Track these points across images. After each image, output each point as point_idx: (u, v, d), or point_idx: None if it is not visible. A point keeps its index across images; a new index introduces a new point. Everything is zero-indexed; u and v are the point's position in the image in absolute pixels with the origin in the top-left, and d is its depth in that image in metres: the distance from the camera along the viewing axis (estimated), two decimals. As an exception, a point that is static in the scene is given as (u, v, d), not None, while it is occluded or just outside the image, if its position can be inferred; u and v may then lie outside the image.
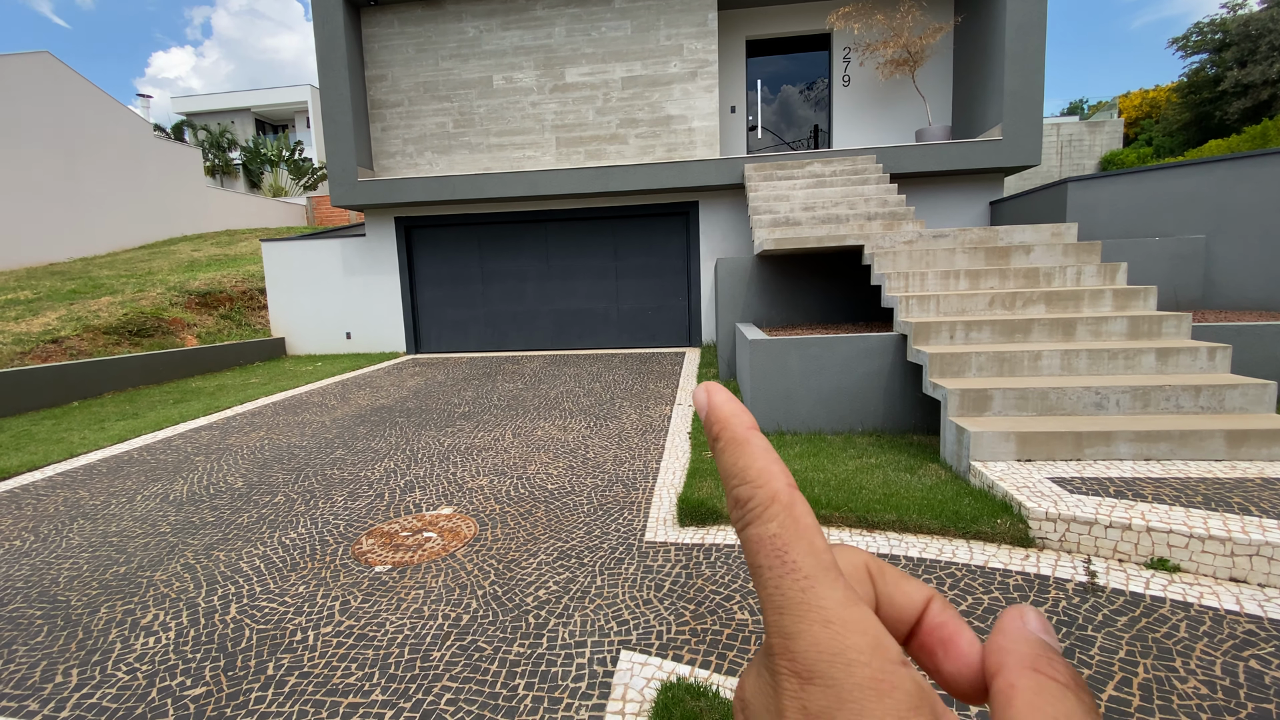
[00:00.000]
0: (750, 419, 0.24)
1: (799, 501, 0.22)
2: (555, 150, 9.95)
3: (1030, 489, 3.07)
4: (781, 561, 0.20)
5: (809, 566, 0.20)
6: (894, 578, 0.25)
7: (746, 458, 0.22)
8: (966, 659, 0.22)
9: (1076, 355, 4.01)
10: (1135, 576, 2.58)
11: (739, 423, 0.23)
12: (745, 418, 0.24)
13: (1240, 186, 6.33)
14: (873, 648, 0.19)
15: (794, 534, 0.21)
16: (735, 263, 7.15)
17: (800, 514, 0.21)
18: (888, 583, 0.24)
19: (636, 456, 4.65)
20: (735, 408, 0.24)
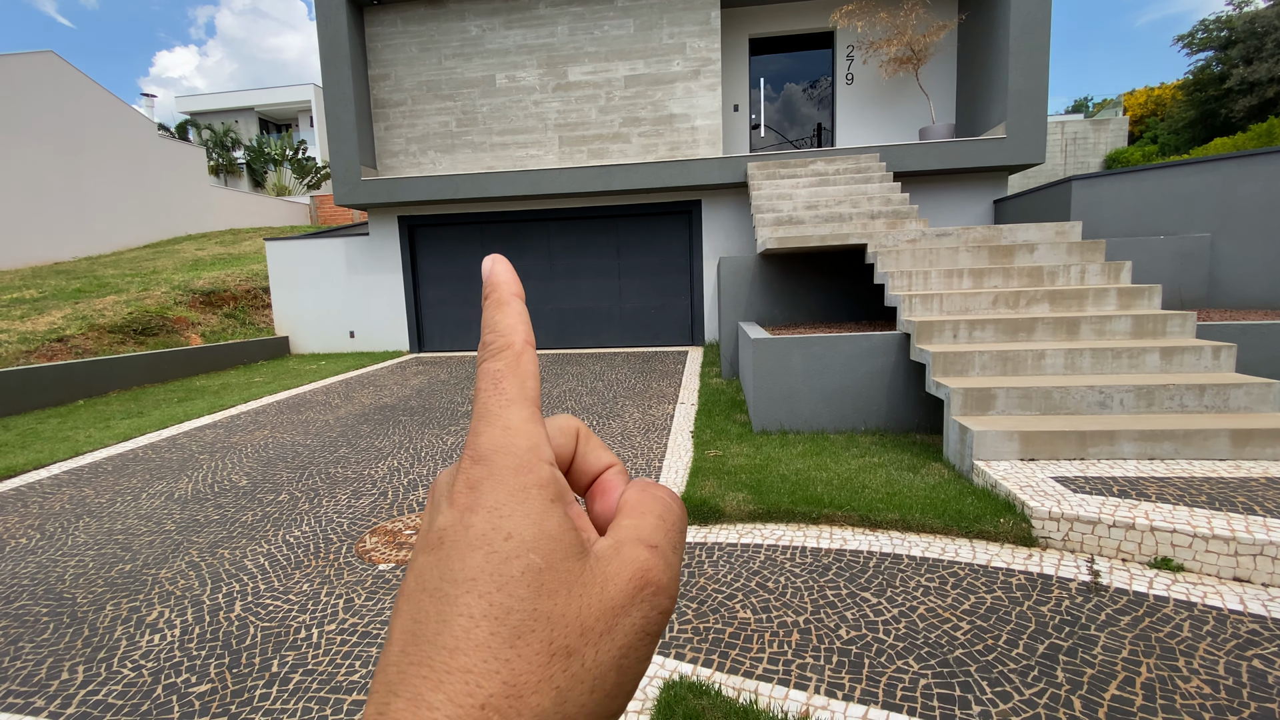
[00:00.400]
0: (517, 288, 0.29)
1: (528, 354, 0.27)
2: (558, 149, 9.95)
3: (1033, 488, 3.06)
4: (495, 386, 0.26)
5: (513, 393, 0.26)
6: (594, 445, 0.30)
7: (502, 315, 0.28)
8: (610, 502, 0.28)
9: (1080, 354, 4.00)
10: (1139, 576, 2.57)
11: (507, 289, 0.28)
12: (514, 286, 0.29)
13: (1245, 185, 6.30)
14: (530, 448, 0.25)
15: (513, 371, 0.26)
16: (738, 261, 7.14)
17: (524, 361, 0.27)
18: (589, 447, 0.30)
19: (639, 455, 4.65)
20: (509, 277, 0.29)
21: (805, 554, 3.00)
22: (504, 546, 0.22)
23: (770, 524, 3.36)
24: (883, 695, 2.02)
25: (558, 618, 0.22)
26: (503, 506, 0.23)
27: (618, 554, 0.24)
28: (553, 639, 0.21)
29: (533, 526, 0.23)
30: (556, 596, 0.22)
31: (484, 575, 0.22)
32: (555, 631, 0.22)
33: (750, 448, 4.59)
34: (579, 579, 0.23)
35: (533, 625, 0.21)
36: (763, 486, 3.70)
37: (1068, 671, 2.06)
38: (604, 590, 0.23)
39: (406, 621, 0.22)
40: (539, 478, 0.24)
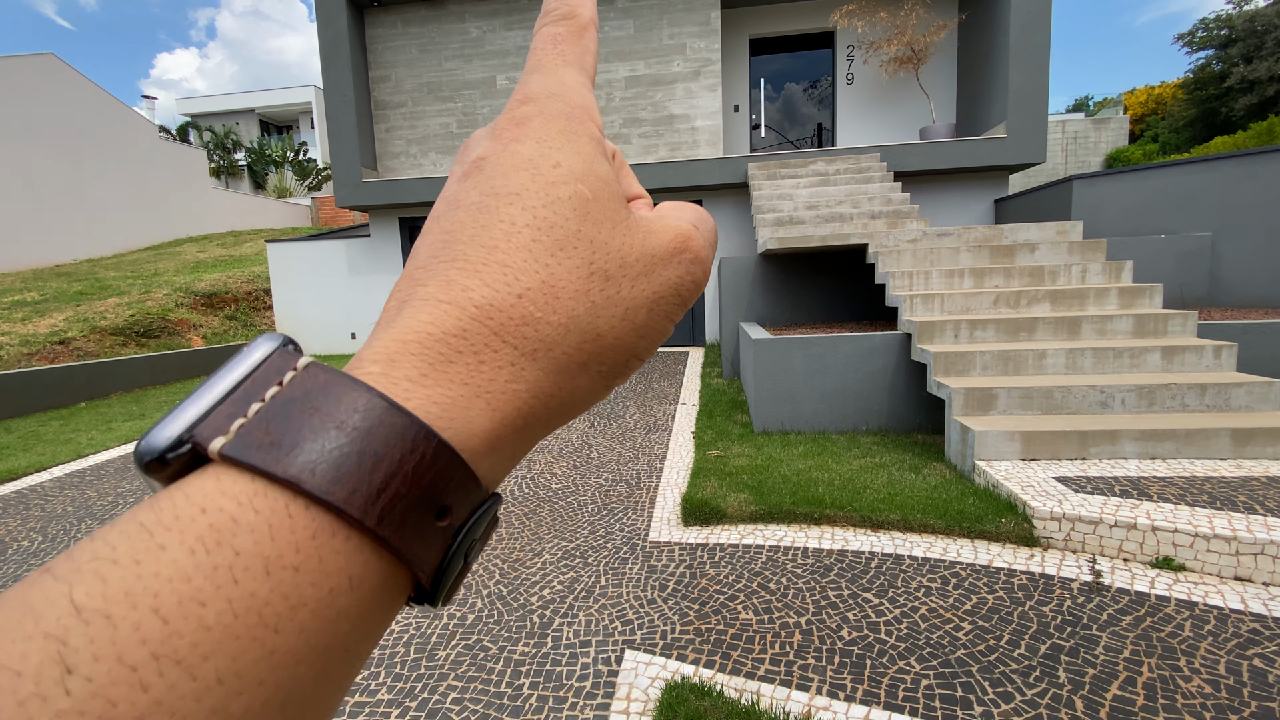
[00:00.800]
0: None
1: (591, 32, 0.27)
2: (558, 150, 9.96)
3: (1035, 488, 3.06)
4: (555, 45, 0.26)
5: (572, 55, 0.25)
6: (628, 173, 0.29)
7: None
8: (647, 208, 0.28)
9: (1081, 354, 4.00)
10: (1140, 576, 2.57)
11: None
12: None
13: (1246, 184, 6.30)
14: (583, 105, 0.24)
15: (574, 39, 0.26)
16: (739, 262, 7.14)
17: (587, 36, 0.26)
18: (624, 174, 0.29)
19: (640, 456, 4.66)
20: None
21: (807, 555, 3.00)
22: (552, 173, 0.22)
23: (772, 525, 3.36)
24: (884, 696, 2.02)
25: (600, 244, 0.22)
26: (553, 140, 0.23)
27: (661, 219, 0.25)
28: (593, 259, 0.21)
29: (582, 163, 0.23)
30: (601, 226, 0.22)
31: (530, 191, 0.22)
32: (597, 254, 0.22)
33: (752, 448, 4.59)
34: (624, 221, 0.23)
35: (575, 243, 0.21)
36: (764, 487, 3.70)
37: (1069, 671, 2.06)
38: (646, 239, 0.23)
39: (437, 234, 0.22)
40: (590, 130, 0.24)
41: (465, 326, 0.19)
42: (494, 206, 0.21)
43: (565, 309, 0.20)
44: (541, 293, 0.20)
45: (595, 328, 0.21)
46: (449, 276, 0.20)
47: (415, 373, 0.19)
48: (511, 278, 0.20)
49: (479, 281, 0.20)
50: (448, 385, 0.19)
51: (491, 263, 0.20)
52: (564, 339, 0.20)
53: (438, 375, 0.19)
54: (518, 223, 0.21)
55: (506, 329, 0.20)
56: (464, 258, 0.20)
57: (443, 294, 0.20)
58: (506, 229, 0.21)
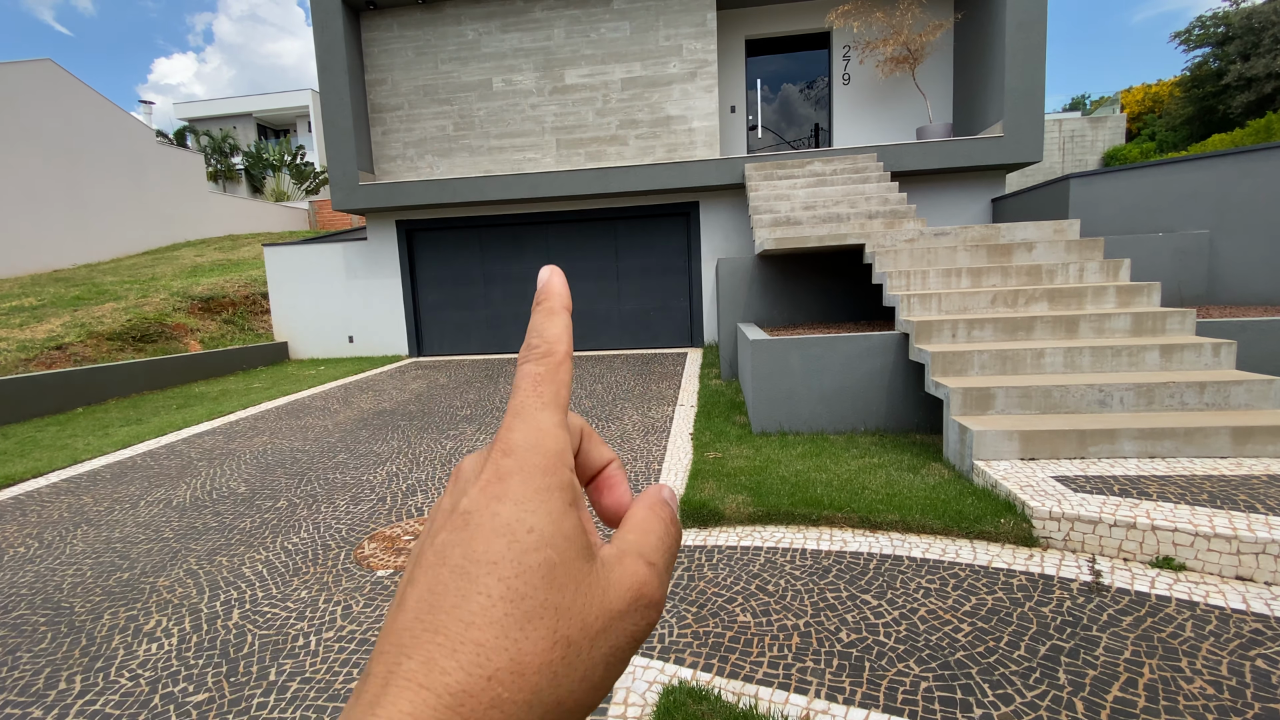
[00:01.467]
0: (568, 301, 0.31)
1: (567, 365, 0.29)
2: (555, 152, 9.96)
3: (1034, 488, 3.05)
4: (535, 387, 0.28)
5: (549, 397, 0.28)
6: (596, 442, 0.33)
7: (551, 323, 0.30)
8: (618, 499, 0.31)
9: (1080, 353, 3.99)
10: (1140, 575, 2.56)
11: (559, 300, 0.31)
12: (565, 299, 0.31)
13: (1244, 181, 6.30)
14: (557, 452, 0.27)
15: (552, 377, 0.28)
16: (736, 263, 7.13)
17: (563, 370, 0.29)
18: (592, 444, 0.33)
19: (639, 458, 4.64)
20: (562, 290, 0.31)
21: (805, 556, 2.99)
22: (526, 538, 0.24)
23: (770, 526, 3.35)
24: (884, 698, 2.00)
25: (564, 610, 0.24)
26: (529, 501, 0.25)
27: (621, 564, 0.27)
28: (558, 629, 0.23)
29: (553, 525, 0.25)
30: (565, 591, 0.24)
31: (506, 560, 0.24)
32: (560, 622, 0.23)
33: (750, 449, 4.57)
34: (586, 579, 0.25)
35: (542, 613, 0.23)
36: (762, 488, 3.69)
37: (1070, 673, 2.05)
38: (605, 595, 0.25)
39: (423, 591, 0.24)
40: (561, 480, 0.26)
41: (439, 717, 0.21)
42: (474, 574, 0.23)
43: (530, 685, 0.22)
44: (510, 672, 0.22)
45: (557, 697, 0.23)
46: (429, 654, 0.22)
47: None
48: (484, 658, 0.22)
49: (455, 664, 0.22)
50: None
51: (467, 641, 0.22)
52: (527, 715, 0.22)
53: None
54: (493, 595, 0.23)
55: (475, 714, 0.21)
56: (444, 631, 0.22)
57: (423, 677, 0.21)
58: (484, 602, 0.23)
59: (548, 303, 0.31)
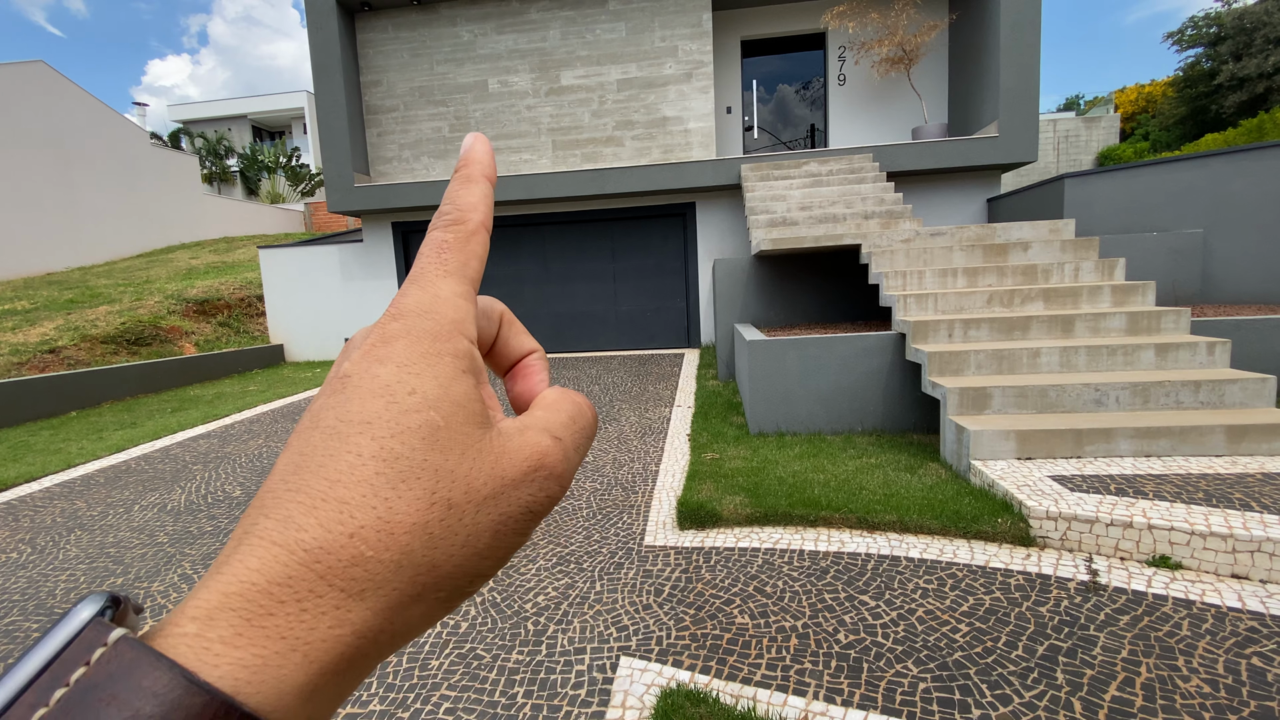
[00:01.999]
0: (491, 171, 0.29)
1: (480, 236, 0.27)
2: (552, 153, 9.95)
3: (1031, 487, 3.05)
4: (438, 254, 0.26)
5: (454, 265, 0.26)
6: (517, 330, 0.32)
7: (466, 190, 0.28)
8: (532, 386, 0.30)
9: (1075, 352, 4.00)
10: (1137, 574, 2.56)
11: (479, 168, 0.29)
12: (487, 167, 0.29)
13: (1237, 180, 6.32)
14: (454, 320, 0.25)
15: (460, 246, 0.27)
16: (733, 263, 7.13)
17: (474, 241, 0.27)
18: (512, 332, 0.32)
19: (635, 459, 4.63)
20: (484, 158, 0.29)
21: (803, 557, 2.99)
22: (407, 400, 0.23)
23: (768, 527, 3.34)
24: (882, 700, 2.00)
25: (445, 472, 0.22)
26: (413, 364, 0.24)
27: (521, 435, 0.25)
28: (436, 489, 0.22)
29: (439, 388, 0.24)
30: (449, 453, 0.23)
31: (381, 420, 0.22)
32: (440, 484, 0.22)
33: (747, 450, 4.57)
34: (475, 444, 0.24)
35: (419, 473, 0.22)
36: (760, 489, 3.68)
37: (1067, 673, 2.05)
38: (498, 461, 0.24)
39: (293, 454, 0.22)
40: (457, 348, 0.25)
41: (291, 573, 0.20)
42: (345, 434, 0.22)
43: (399, 544, 0.21)
44: (375, 530, 0.21)
45: (431, 559, 0.22)
46: (288, 512, 0.21)
47: (230, 632, 0.19)
48: (346, 515, 0.21)
49: (314, 520, 0.20)
50: (263, 643, 0.19)
51: (330, 499, 0.21)
52: (395, 575, 0.21)
53: (254, 632, 0.19)
54: (364, 454, 0.22)
55: (334, 571, 0.20)
56: (306, 490, 0.21)
57: (277, 534, 0.20)
58: (352, 461, 0.21)
59: (466, 169, 0.29)
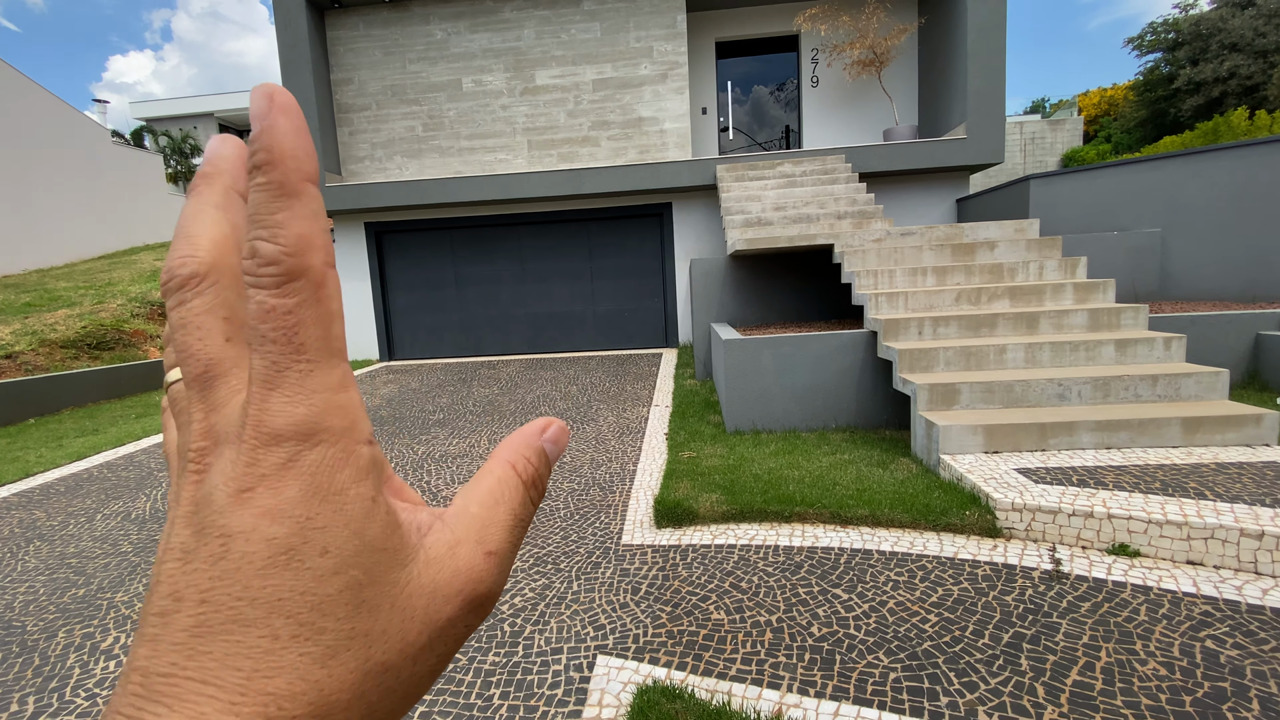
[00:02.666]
0: (312, 167, 0.19)
1: (331, 281, 0.20)
2: (527, 153, 9.90)
3: (997, 480, 3.13)
4: (289, 337, 0.19)
5: (315, 346, 0.19)
6: None
7: (291, 213, 0.19)
8: None
9: (1040, 348, 4.11)
10: (1098, 562, 2.65)
11: (295, 170, 0.19)
12: (307, 163, 0.19)
13: (1193, 181, 6.55)
14: (344, 429, 0.20)
15: (312, 311, 0.19)
16: (709, 263, 7.18)
17: (325, 294, 0.20)
18: None
19: (613, 459, 4.64)
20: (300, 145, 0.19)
21: (778, 552, 3.02)
22: (319, 563, 0.19)
23: (744, 524, 3.38)
24: (854, 691, 2.04)
25: (377, 635, 0.20)
26: (316, 514, 0.19)
27: (453, 557, 0.22)
28: (369, 656, 0.19)
29: (353, 537, 0.20)
30: (378, 614, 0.20)
31: (294, 596, 0.18)
32: (374, 649, 0.20)
33: (724, 448, 4.61)
34: (404, 590, 0.21)
35: (348, 644, 0.19)
36: (736, 487, 3.72)
37: (1031, 659, 2.11)
38: (431, 602, 0.21)
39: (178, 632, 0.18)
40: (357, 469, 0.20)
41: None
42: (252, 617, 0.18)
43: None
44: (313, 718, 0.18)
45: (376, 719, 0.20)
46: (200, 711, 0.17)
47: None
48: (275, 708, 0.18)
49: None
50: None
51: (251, 692, 0.17)
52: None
53: None
54: (281, 636, 0.18)
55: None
56: (217, 682, 0.17)
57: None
58: (268, 646, 0.18)
59: (275, 173, 0.19)
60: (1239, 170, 6.21)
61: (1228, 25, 23.45)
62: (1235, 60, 25.02)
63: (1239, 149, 6.21)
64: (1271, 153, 5.98)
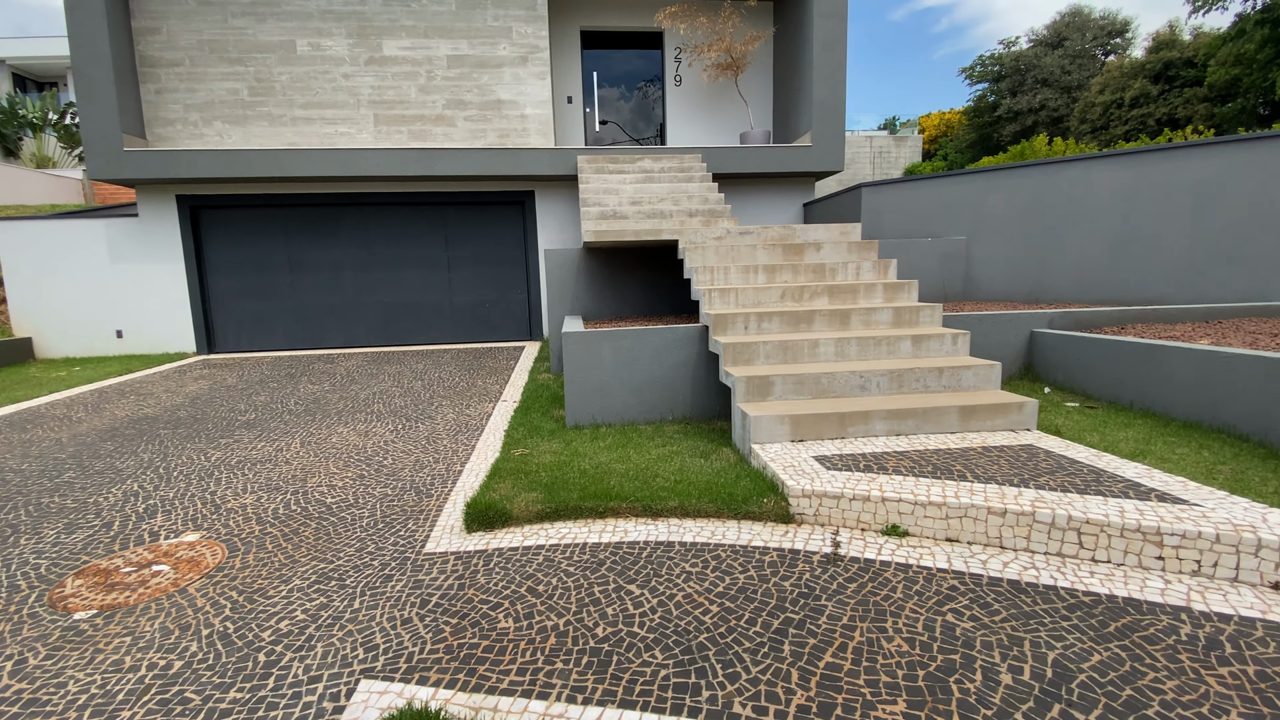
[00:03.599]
0: None
1: None
2: (373, 128, 9.16)
3: (795, 468, 3.27)
4: None
5: None
6: None
7: None
8: None
9: (848, 343, 4.40)
10: (871, 544, 2.83)
11: None
12: None
13: (994, 195, 7.40)
14: None
15: None
16: (564, 254, 7.03)
17: None
18: None
19: (441, 460, 4.36)
20: None
21: (584, 550, 2.95)
22: None
23: (559, 522, 3.27)
24: (622, 693, 1.98)
25: None
26: None
27: None
28: None
29: None
30: None
31: None
32: None
33: (560, 444, 4.49)
34: None
35: None
36: (558, 484, 3.60)
37: (794, 644, 2.18)
38: None
39: None
40: None
41: None
42: None
43: None
44: None
45: None
46: None
47: None
48: None
49: None
50: None
51: None
52: None
53: None
54: None
55: None
56: None
57: None
58: None
59: None
60: (1028, 187, 7.10)
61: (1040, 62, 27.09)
62: (1046, 94, 28.98)
63: (1030, 168, 7.10)
64: (1054, 173, 6.89)
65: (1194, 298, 6.03)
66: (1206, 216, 5.95)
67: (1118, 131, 23.69)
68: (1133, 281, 6.39)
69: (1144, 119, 23.54)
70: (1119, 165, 6.41)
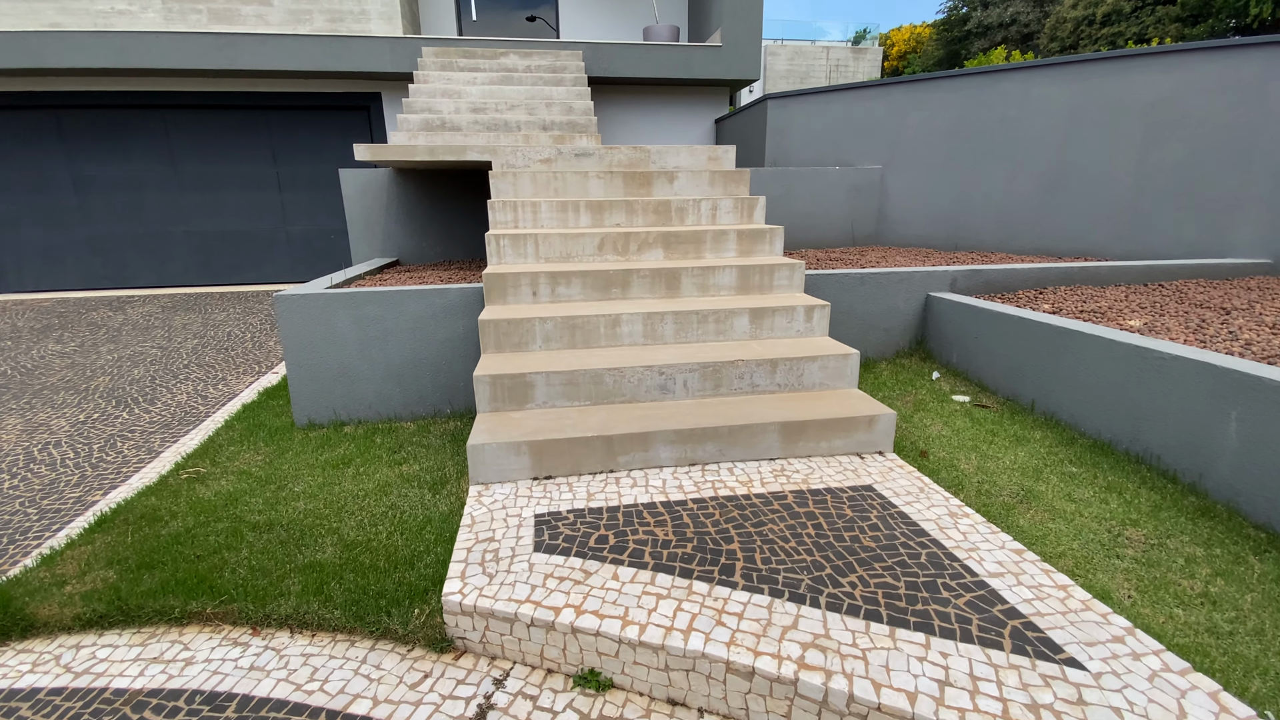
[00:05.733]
0: None
1: None
2: (162, 5, 7.11)
3: (489, 543, 2.09)
4: None
5: None
6: None
7: None
8: None
9: (662, 319, 3.15)
10: (546, 706, 1.70)
11: None
12: None
13: (915, 113, 6.02)
14: None
15: None
16: (368, 178, 5.48)
17: None
18: None
19: (84, 481, 3.07)
20: None
21: (107, 697, 1.75)
22: None
23: (114, 631, 2.06)
24: None
25: None
26: None
27: None
28: None
29: None
30: None
31: None
32: None
33: (266, 456, 3.23)
34: None
35: None
36: (159, 554, 2.36)
37: None
38: None
39: None
40: None
41: None
42: None
43: None
44: None
45: None
46: None
47: None
48: None
49: None
50: None
51: None
52: None
53: None
54: None
55: None
56: None
57: None
58: None
59: None
60: (955, 104, 5.74)
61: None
62: (1018, 6, 26.92)
63: (958, 78, 5.72)
64: (987, 85, 5.53)
65: (1134, 249, 4.94)
66: (1159, 147, 4.75)
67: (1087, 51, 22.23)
68: (1065, 226, 5.24)
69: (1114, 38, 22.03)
70: (1063, 78, 5.09)
